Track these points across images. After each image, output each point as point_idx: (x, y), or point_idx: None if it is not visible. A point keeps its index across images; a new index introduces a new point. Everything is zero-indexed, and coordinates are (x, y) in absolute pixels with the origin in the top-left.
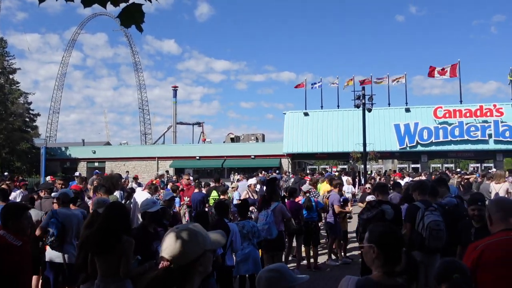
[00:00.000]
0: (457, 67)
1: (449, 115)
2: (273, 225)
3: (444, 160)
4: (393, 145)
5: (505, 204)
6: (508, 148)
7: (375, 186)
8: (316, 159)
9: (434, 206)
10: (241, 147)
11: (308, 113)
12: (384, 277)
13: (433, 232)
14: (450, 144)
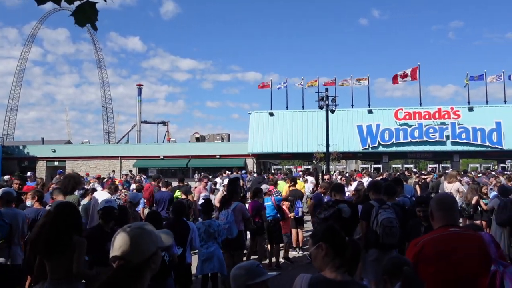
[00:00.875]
0: (417, 71)
1: (409, 117)
2: (233, 225)
3: (404, 160)
4: (355, 146)
5: (445, 202)
6: (464, 150)
7: (332, 186)
8: (281, 159)
9: (387, 204)
10: (206, 147)
11: (273, 113)
12: (336, 273)
13: (386, 229)
14: (410, 145)
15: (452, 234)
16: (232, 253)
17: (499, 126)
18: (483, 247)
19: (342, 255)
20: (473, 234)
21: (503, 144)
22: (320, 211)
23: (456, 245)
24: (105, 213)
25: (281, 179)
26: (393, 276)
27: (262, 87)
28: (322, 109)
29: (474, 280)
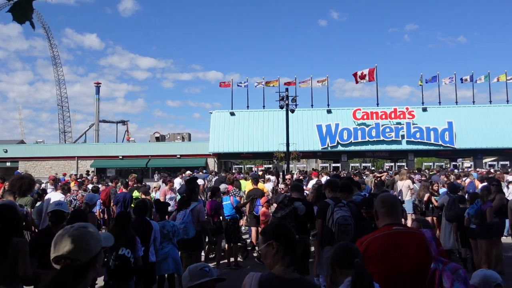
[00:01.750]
0: (374, 72)
1: (367, 116)
2: (190, 225)
3: (362, 159)
4: (315, 145)
5: (388, 201)
6: (418, 148)
7: (291, 185)
8: (242, 159)
9: (343, 203)
10: (166, 147)
11: (234, 113)
12: (286, 270)
13: (341, 227)
14: (368, 144)
15: (395, 232)
16: (190, 253)
17: (451, 126)
18: (425, 244)
19: (292, 253)
20: (415, 232)
21: (454, 143)
22: (276, 210)
23: (399, 243)
24: (54, 215)
25: (241, 179)
26: (343, 266)
27: (223, 86)
28: (283, 109)
29: (416, 277)
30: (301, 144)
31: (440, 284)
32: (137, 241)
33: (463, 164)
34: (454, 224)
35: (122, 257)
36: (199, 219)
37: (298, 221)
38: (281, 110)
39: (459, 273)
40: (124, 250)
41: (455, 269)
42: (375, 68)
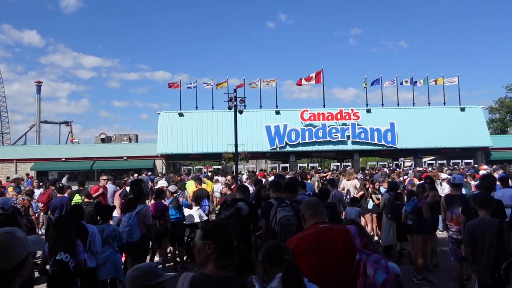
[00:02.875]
0: (321, 74)
1: (314, 118)
2: (135, 228)
3: (310, 159)
4: (264, 146)
5: (313, 203)
6: (363, 149)
7: (239, 186)
8: (191, 160)
9: (286, 203)
10: (112, 148)
11: (183, 114)
12: (218, 270)
13: (284, 226)
14: (315, 144)
15: (322, 230)
16: (135, 257)
17: (393, 126)
18: (350, 239)
19: (228, 257)
20: (340, 229)
21: (396, 143)
22: (220, 211)
23: (326, 239)
24: None
25: (190, 179)
26: (274, 264)
27: (171, 87)
28: (231, 110)
29: (343, 269)
30: (250, 145)
31: (365, 272)
32: (78, 244)
33: (404, 163)
34: (394, 221)
35: (59, 262)
36: (145, 222)
37: (242, 222)
38: (230, 111)
39: (381, 263)
40: (62, 255)
41: (378, 260)
42: (321, 71)
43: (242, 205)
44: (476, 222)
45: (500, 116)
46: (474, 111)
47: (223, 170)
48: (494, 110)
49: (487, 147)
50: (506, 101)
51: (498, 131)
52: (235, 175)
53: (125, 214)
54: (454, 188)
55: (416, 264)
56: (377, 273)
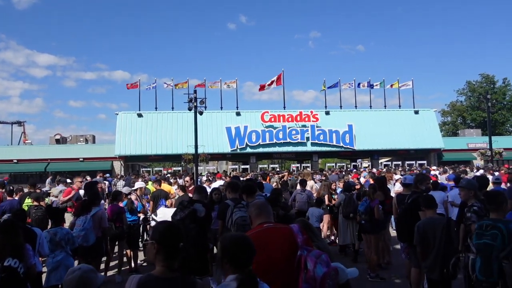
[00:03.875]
0: (281, 76)
1: (274, 119)
2: (90, 232)
3: (271, 160)
4: (224, 147)
5: (259, 204)
6: (322, 150)
7: (195, 187)
8: (151, 161)
9: (242, 203)
10: (68, 149)
11: (142, 114)
12: (165, 270)
13: (240, 227)
14: (275, 146)
15: (267, 229)
16: (89, 261)
17: (351, 128)
18: (292, 237)
19: (173, 258)
20: (284, 227)
21: (354, 145)
22: (175, 212)
23: (271, 238)
24: None
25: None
26: (233, 260)
27: (130, 87)
28: (191, 111)
29: (287, 267)
30: (210, 146)
31: (305, 267)
32: (27, 249)
33: (362, 164)
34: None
35: (7, 269)
36: (101, 225)
37: (198, 223)
38: (190, 112)
39: (322, 258)
40: (10, 261)
41: (319, 255)
42: (282, 73)
43: (198, 206)
44: (425, 221)
45: (452, 119)
46: (427, 114)
47: (185, 172)
48: (446, 113)
49: (439, 149)
50: (458, 104)
51: (449, 133)
52: (194, 177)
53: (79, 217)
54: (405, 188)
55: (369, 263)
56: (317, 267)
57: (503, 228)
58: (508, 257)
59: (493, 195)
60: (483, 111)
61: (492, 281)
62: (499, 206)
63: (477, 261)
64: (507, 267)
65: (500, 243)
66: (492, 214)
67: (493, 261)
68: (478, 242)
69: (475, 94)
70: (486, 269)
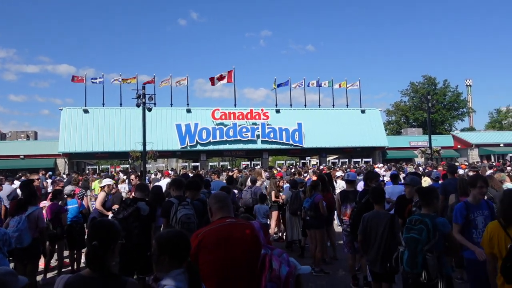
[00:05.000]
0: (232, 74)
1: (225, 117)
2: (25, 233)
3: (221, 158)
4: (174, 144)
5: (220, 198)
6: (272, 148)
7: (137, 185)
8: (97, 159)
9: (187, 201)
10: (7, 146)
11: (88, 110)
12: (91, 270)
13: (184, 225)
14: (226, 143)
15: (228, 224)
16: (25, 263)
17: (300, 127)
18: (254, 234)
19: (100, 257)
20: (246, 224)
21: (303, 143)
22: (118, 211)
23: (232, 234)
24: None
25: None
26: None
27: (75, 81)
28: (140, 107)
29: (248, 262)
30: (160, 143)
31: (271, 266)
32: None
33: (311, 162)
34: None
35: None
36: (38, 225)
37: (141, 222)
38: (138, 108)
39: (283, 257)
40: None
41: (280, 253)
42: (233, 70)
43: (142, 205)
44: (371, 214)
45: (396, 118)
46: (373, 114)
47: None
48: (391, 113)
49: (384, 147)
50: (401, 105)
51: (394, 132)
52: (142, 174)
53: (13, 217)
54: (348, 185)
55: (314, 258)
56: (282, 266)
57: (429, 223)
58: (432, 250)
59: (425, 191)
60: (424, 111)
61: (417, 272)
62: (430, 202)
63: (405, 253)
64: (430, 260)
65: (425, 237)
66: (423, 209)
67: (419, 253)
68: (406, 236)
69: (418, 94)
70: (412, 261)
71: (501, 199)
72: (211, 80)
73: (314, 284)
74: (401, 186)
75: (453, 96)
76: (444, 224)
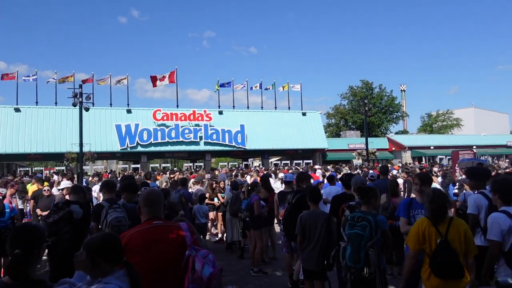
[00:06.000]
0: (175, 74)
1: (167, 118)
2: None
3: (163, 160)
4: (114, 146)
5: (150, 196)
6: (215, 149)
7: (72, 187)
8: (30, 160)
9: (118, 204)
10: None
11: (20, 109)
12: (10, 277)
13: (114, 228)
14: (168, 145)
15: (155, 226)
16: None
17: (243, 128)
18: (181, 235)
19: (22, 264)
20: (173, 225)
21: (246, 145)
22: (49, 214)
23: (159, 236)
24: None
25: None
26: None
27: (6, 78)
28: (76, 107)
29: (173, 265)
30: (98, 145)
31: (193, 268)
32: None
33: (253, 163)
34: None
35: None
36: None
37: (74, 225)
38: (75, 108)
39: (209, 258)
40: None
41: (206, 255)
42: (175, 71)
43: (75, 207)
44: (308, 214)
45: (335, 121)
46: (314, 116)
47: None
48: (331, 115)
49: (323, 149)
50: (341, 108)
51: (333, 134)
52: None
53: None
54: (286, 186)
55: (252, 258)
56: (205, 268)
57: (372, 220)
58: (374, 246)
59: (364, 190)
60: (362, 114)
61: (359, 267)
62: (369, 200)
63: (348, 249)
64: (372, 255)
65: (368, 233)
66: (363, 207)
67: (362, 249)
68: (350, 232)
69: (356, 98)
70: (355, 257)
71: (431, 199)
72: (153, 79)
73: (253, 284)
74: (337, 187)
75: (388, 100)
76: (384, 221)
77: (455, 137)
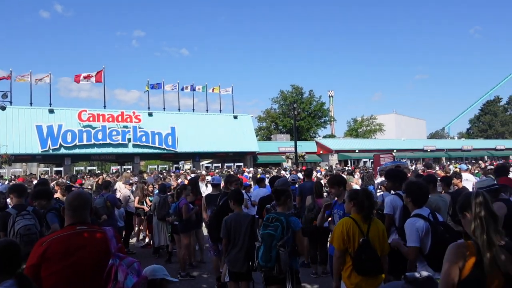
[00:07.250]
0: (102, 73)
1: (93, 118)
2: None
3: (89, 163)
4: (34, 147)
5: (75, 200)
6: (144, 152)
7: None
8: None
9: (27, 210)
10: None
11: None
12: None
13: (24, 237)
14: (94, 147)
15: (78, 232)
16: None
17: (174, 131)
18: (106, 242)
19: None
20: (97, 231)
21: (176, 147)
22: None
23: (81, 242)
24: None
25: None
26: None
27: None
28: None
29: (97, 274)
30: (16, 146)
31: (116, 278)
32: None
33: (184, 166)
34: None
35: None
36: None
37: None
38: None
39: (134, 266)
40: None
41: (131, 263)
42: (102, 70)
43: None
44: (232, 217)
45: (267, 124)
46: (245, 119)
47: None
48: (262, 119)
49: (254, 152)
50: (272, 112)
51: (264, 138)
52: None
53: None
54: (213, 188)
55: (180, 261)
56: (127, 278)
57: (283, 221)
58: (285, 246)
59: (278, 192)
60: (292, 118)
61: (270, 266)
62: (284, 201)
63: (261, 248)
64: (282, 254)
65: (280, 233)
66: (279, 208)
67: (273, 248)
68: (263, 232)
69: (287, 102)
70: (267, 256)
71: (367, 196)
72: (76, 77)
73: None
74: (266, 190)
75: (317, 105)
76: (296, 222)
77: (378, 141)
